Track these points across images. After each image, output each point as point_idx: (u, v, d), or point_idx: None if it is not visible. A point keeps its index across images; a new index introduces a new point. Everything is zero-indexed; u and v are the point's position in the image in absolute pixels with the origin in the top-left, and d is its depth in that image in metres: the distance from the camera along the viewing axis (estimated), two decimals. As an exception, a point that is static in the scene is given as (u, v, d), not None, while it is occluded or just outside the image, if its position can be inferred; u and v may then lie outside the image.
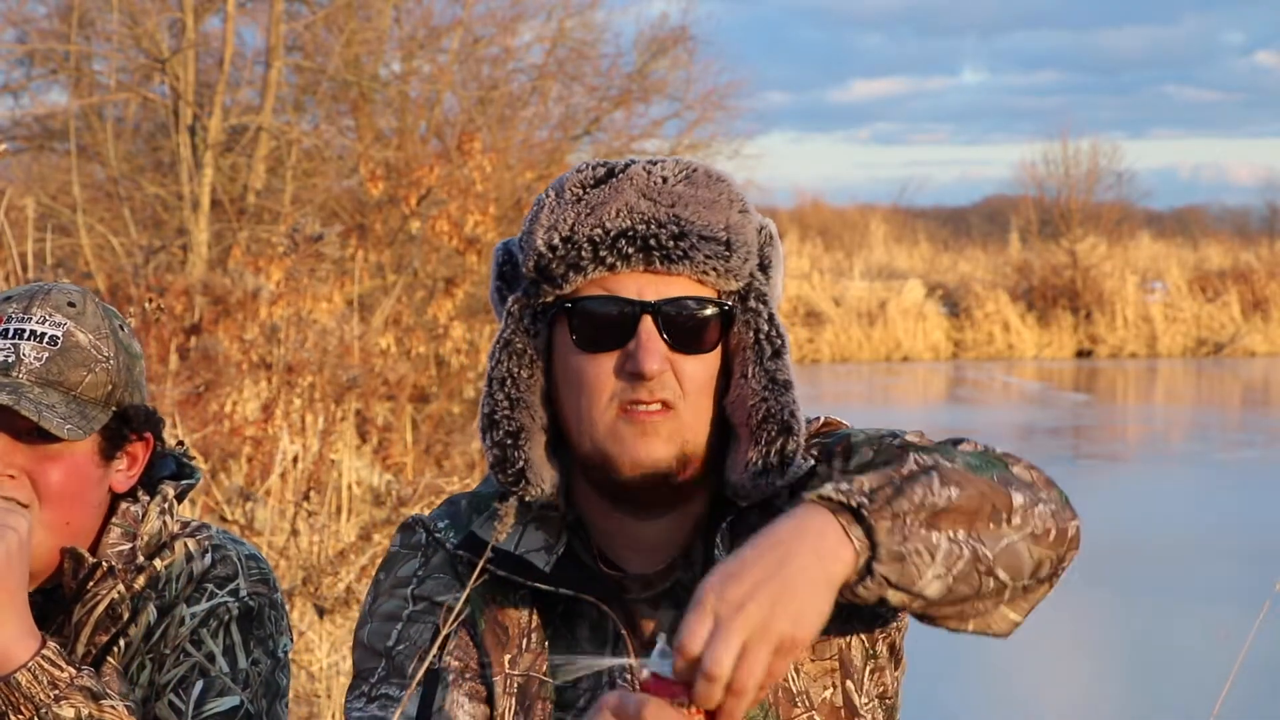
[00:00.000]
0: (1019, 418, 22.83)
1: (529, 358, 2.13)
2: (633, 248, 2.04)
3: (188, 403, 8.89)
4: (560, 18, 19.20)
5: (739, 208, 2.10)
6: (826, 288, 32.69)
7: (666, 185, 2.07)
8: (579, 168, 2.11)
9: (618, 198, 2.06)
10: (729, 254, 2.07)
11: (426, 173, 12.80)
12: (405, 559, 2.20)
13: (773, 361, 2.09)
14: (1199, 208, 50.08)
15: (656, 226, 2.05)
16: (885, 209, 44.94)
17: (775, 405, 2.08)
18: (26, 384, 2.30)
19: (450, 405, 12.42)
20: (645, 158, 2.11)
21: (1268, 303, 32.97)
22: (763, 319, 2.10)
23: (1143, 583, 11.82)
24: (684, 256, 2.05)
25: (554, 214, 2.08)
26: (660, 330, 2.06)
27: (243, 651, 2.38)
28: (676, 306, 2.06)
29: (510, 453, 2.11)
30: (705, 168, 2.10)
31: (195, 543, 2.43)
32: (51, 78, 16.30)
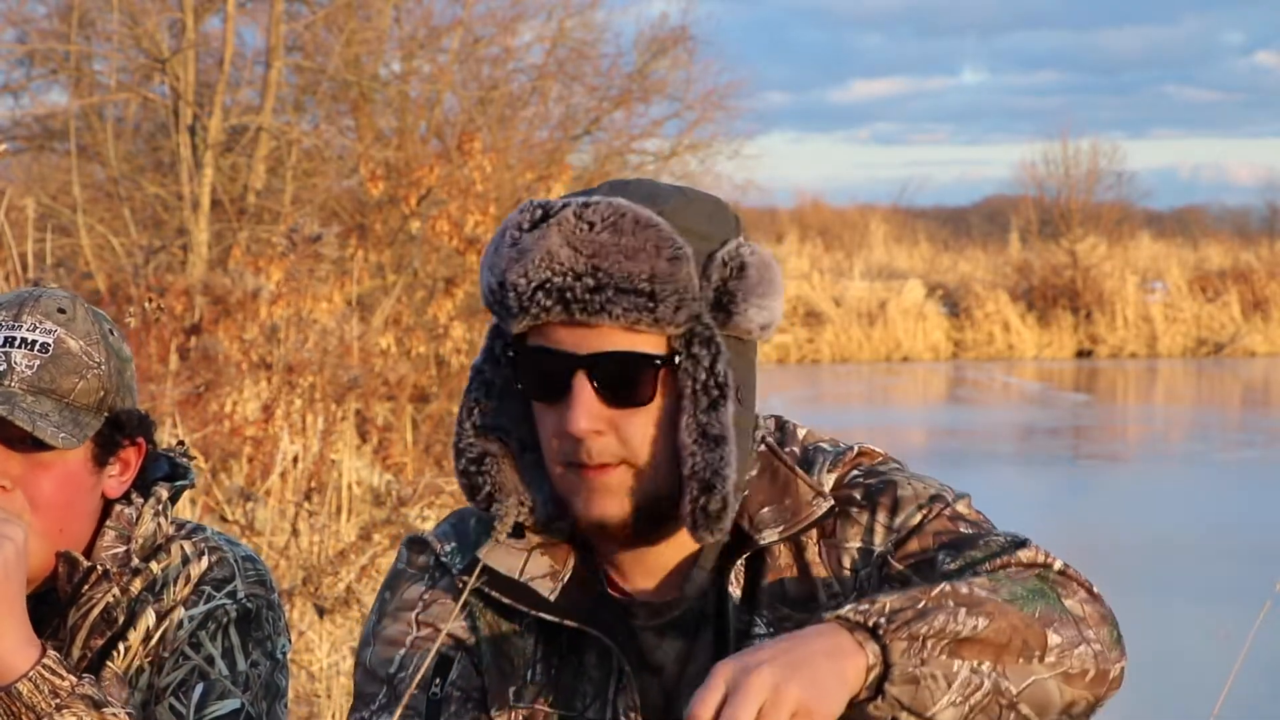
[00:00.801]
0: (1019, 418, 22.83)
1: (497, 387, 2.10)
2: (550, 300, 1.99)
3: (188, 403, 8.89)
4: (560, 18, 19.21)
5: (669, 254, 1.99)
6: (826, 288, 32.68)
7: (591, 232, 1.99)
8: (524, 206, 2.05)
9: (542, 244, 1.99)
10: (654, 304, 1.98)
11: (426, 173, 12.80)
12: (411, 580, 2.16)
13: (706, 414, 2.01)
14: (1199, 208, 50.07)
15: (573, 279, 1.98)
16: (885, 209, 44.92)
17: (701, 461, 2.01)
18: (19, 392, 2.29)
19: (450, 405, 12.41)
20: (581, 198, 2.03)
21: (1268, 303, 32.96)
22: (702, 367, 2.02)
23: (1143, 583, 11.82)
24: (601, 309, 1.98)
25: (494, 255, 2.03)
26: (595, 386, 2.01)
27: (241, 654, 2.37)
28: (607, 362, 2.00)
29: (475, 479, 2.09)
30: (635, 212, 2.00)
31: (191, 545, 2.42)
32: (51, 78, 16.30)
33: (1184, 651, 9.80)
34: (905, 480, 2.12)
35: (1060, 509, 14.93)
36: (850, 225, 41.56)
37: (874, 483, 2.11)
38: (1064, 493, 15.95)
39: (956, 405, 25.23)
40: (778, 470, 2.11)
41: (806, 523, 2.08)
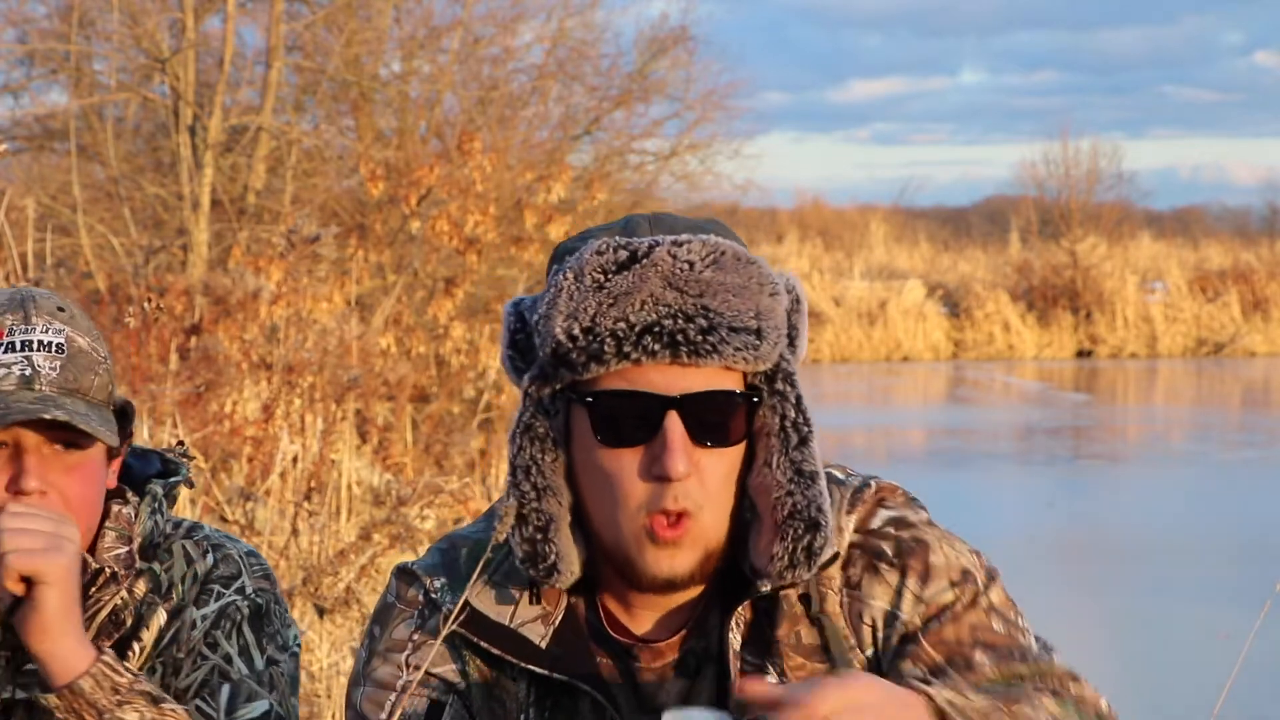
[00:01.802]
0: (1019, 418, 22.83)
1: (550, 441, 2.02)
2: (659, 344, 1.93)
3: (188, 403, 8.89)
4: (560, 18, 19.20)
5: (769, 290, 1.97)
6: (826, 288, 32.68)
7: (693, 271, 1.94)
8: (599, 248, 1.97)
9: (642, 287, 1.93)
10: (760, 342, 1.95)
11: (426, 173, 12.80)
12: (401, 617, 2.11)
13: (799, 451, 1.98)
14: (1199, 208, 50.08)
15: (684, 320, 1.93)
16: (885, 209, 44.92)
17: (801, 500, 1.98)
18: (55, 395, 2.29)
19: (450, 405, 12.41)
20: (670, 238, 1.96)
21: (1268, 303, 32.96)
22: (790, 403, 1.99)
23: (1143, 583, 11.81)
24: (713, 350, 1.94)
25: (573, 301, 1.95)
26: (686, 426, 1.95)
27: (257, 650, 2.38)
28: (703, 402, 1.95)
29: (541, 548, 2.01)
30: (734, 249, 1.97)
31: (194, 544, 2.42)
32: (51, 78, 16.30)
33: (1184, 651, 9.80)
34: (937, 542, 2.08)
35: (1060, 509, 14.93)
36: (850, 225, 41.57)
37: (906, 539, 2.07)
38: (1064, 493, 15.94)
39: (956, 405, 25.23)
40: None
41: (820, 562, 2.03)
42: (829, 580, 2.05)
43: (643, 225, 2.01)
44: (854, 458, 18.11)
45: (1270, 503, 15.10)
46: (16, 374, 2.28)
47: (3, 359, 2.28)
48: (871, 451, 19.11)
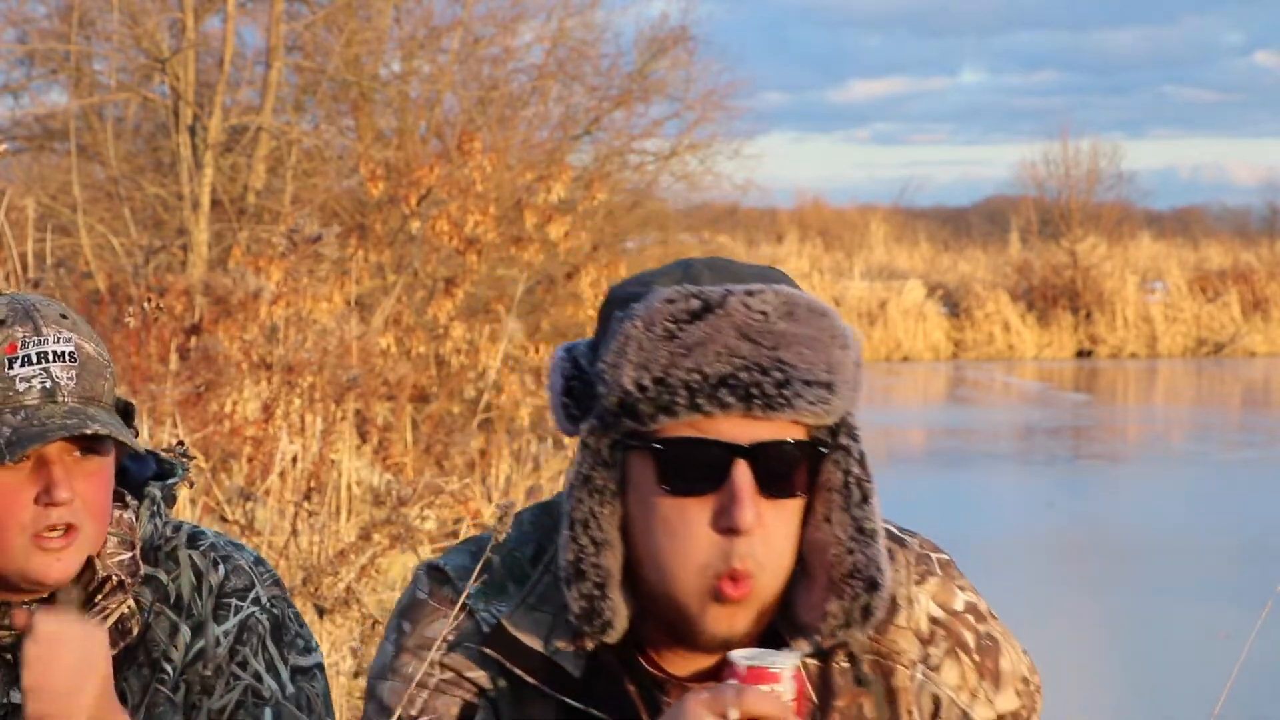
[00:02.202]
0: (1019, 418, 22.83)
1: (609, 492, 1.98)
2: (733, 396, 1.90)
3: (188, 403, 8.89)
4: (560, 18, 19.20)
5: (841, 342, 1.95)
6: (826, 288, 32.68)
7: (767, 322, 1.91)
8: (670, 296, 1.93)
9: (716, 338, 1.90)
10: (831, 396, 1.93)
11: (426, 173, 12.80)
12: (432, 616, 2.07)
13: (860, 508, 1.96)
14: (1199, 208, 50.08)
15: (760, 373, 1.90)
16: (885, 209, 44.92)
17: (862, 559, 1.95)
18: (78, 405, 2.28)
19: (450, 405, 12.41)
20: (742, 287, 1.94)
21: (1268, 303, 32.96)
22: (853, 459, 1.97)
23: (1143, 583, 11.81)
24: (786, 404, 1.91)
25: (644, 350, 1.92)
26: (755, 477, 1.92)
27: (281, 664, 2.38)
28: (772, 452, 1.92)
29: (598, 604, 1.97)
30: (807, 300, 1.95)
31: (200, 555, 2.41)
32: (51, 78, 16.31)
33: (1184, 651, 9.80)
34: (1004, 642, 2.08)
35: (1060, 509, 14.93)
36: (850, 225, 41.57)
37: (983, 635, 2.06)
38: (1064, 493, 15.94)
39: (956, 405, 25.23)
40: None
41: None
42: (898, 654, 2.03)
43: (704, 272, 1.98)
44: (854, 458, 18.07)
45: (1270, 503, 15.10)
46: (38, 387, 2.26)
47: (21, 373, 2.26)
48: (872, 452, 19.02)
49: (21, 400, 2.26)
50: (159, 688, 2.34)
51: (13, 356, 2.27)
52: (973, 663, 2.04)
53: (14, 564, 2.27)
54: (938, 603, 2.05)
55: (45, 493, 2.26)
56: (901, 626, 2.03)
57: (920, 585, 2.05)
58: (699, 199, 24.52)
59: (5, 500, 2.26)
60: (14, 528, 2.26)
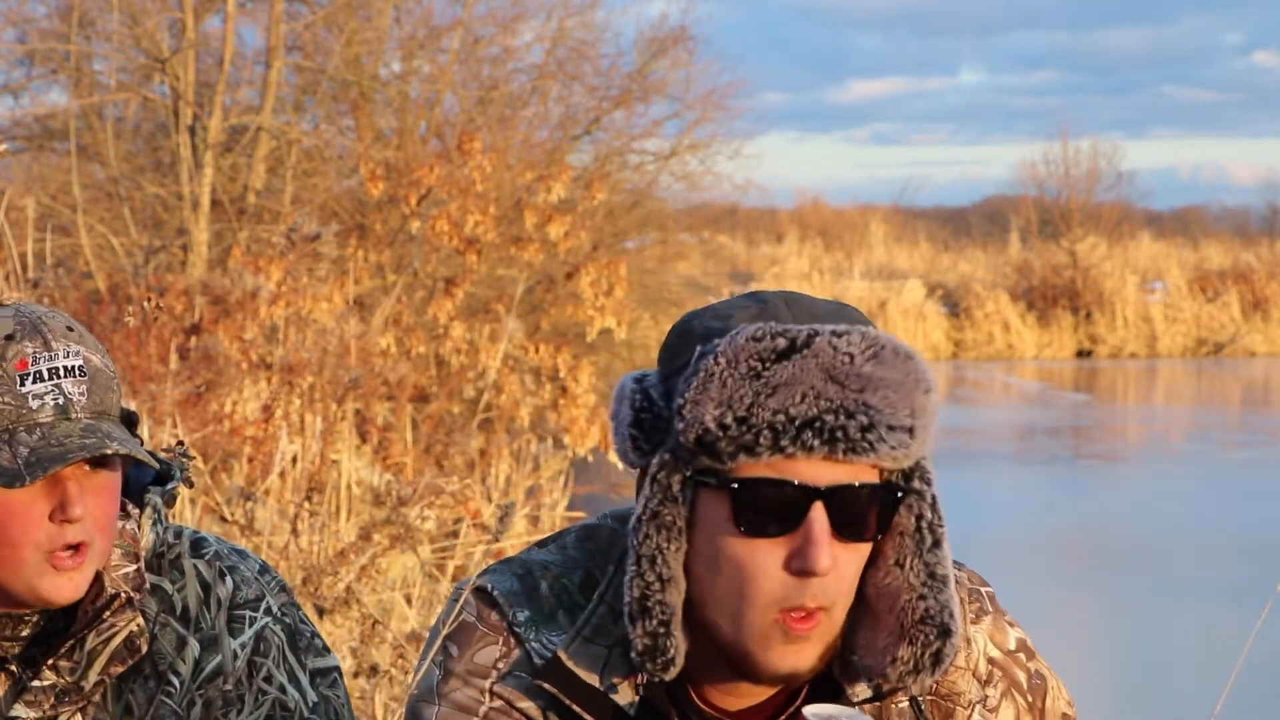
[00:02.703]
0: (1019, 418, 22.83)
1: (676, 529, 1.94)
2: (818, 439, 1.87)
3: (188, 403, 8.89)
4: (560, 18, 19.20)
5: (924, 387, 1.94)
6: (826, 288, 32.69)
7: (854, 365, 1.89)
8: (756, 334, 1.90)
9: (802, 379, 1.87)
10: (912, 441, 1.92)
11: (426, 173, 12.80)
12: (483, 641, 2.03)
13: (933, 553, 1.94)
14: (1199, 208, 50.10)
15: (845, 417, 1.87)
16: (885, 209, 44.94)
17: (934, 605, 1.93)
18: (93, 422, 2.26)
19: (450, 405, 12.41)
20: (829, 328, 1.92)
21: (1268, 303, 32.97)
22: (926, 504, 1.96)
23: (1143, 583, 11.82)
24: (870, 448, 1.89)
25: (727, 389, 1.88)
26: (830, 520, 1.90)
27: (302, 672, 2.37)
28: (849, 495, 1.90)
29: (663, 642, 1.94)
30: (893, 343, 1.94)
31: (205, 565, 2.39)
32: (51, 78, 16.30)
33: (1184, 651, 9.80)
34: (1050, 677, 2.08)
35: (1060, 509, 14.93)
36: (850, 225, 41.57)
37: (1034, 674, 2.06)
38: (1064, 493, 15.95)
39: (956, 405, 25.23)
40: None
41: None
42: (958, 695, 2.02)
43: (781, 308, 1.95)
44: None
45: (1270, 503, 15.10)
46: (51, 404, 2.23)
47: (34, 390, 2.23)
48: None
49: (35, 418, 2.23)
50: (165, 700, 2.32)
51: (24, 373, 2.23)
52: (1025, 703, 2.04)
53: (24, 582, 2.25)
54: (994, 643, 2.05)
55: (60, 510, 2.23)
56: (961, 667, 2.03)
57: (976, 625, 2.05)
58: (699, 199, 24.50)
59: (20, 519, 2.23)
60: (28, 546, 2.24)
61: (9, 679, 2.31)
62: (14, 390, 2.23)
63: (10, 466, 2.21)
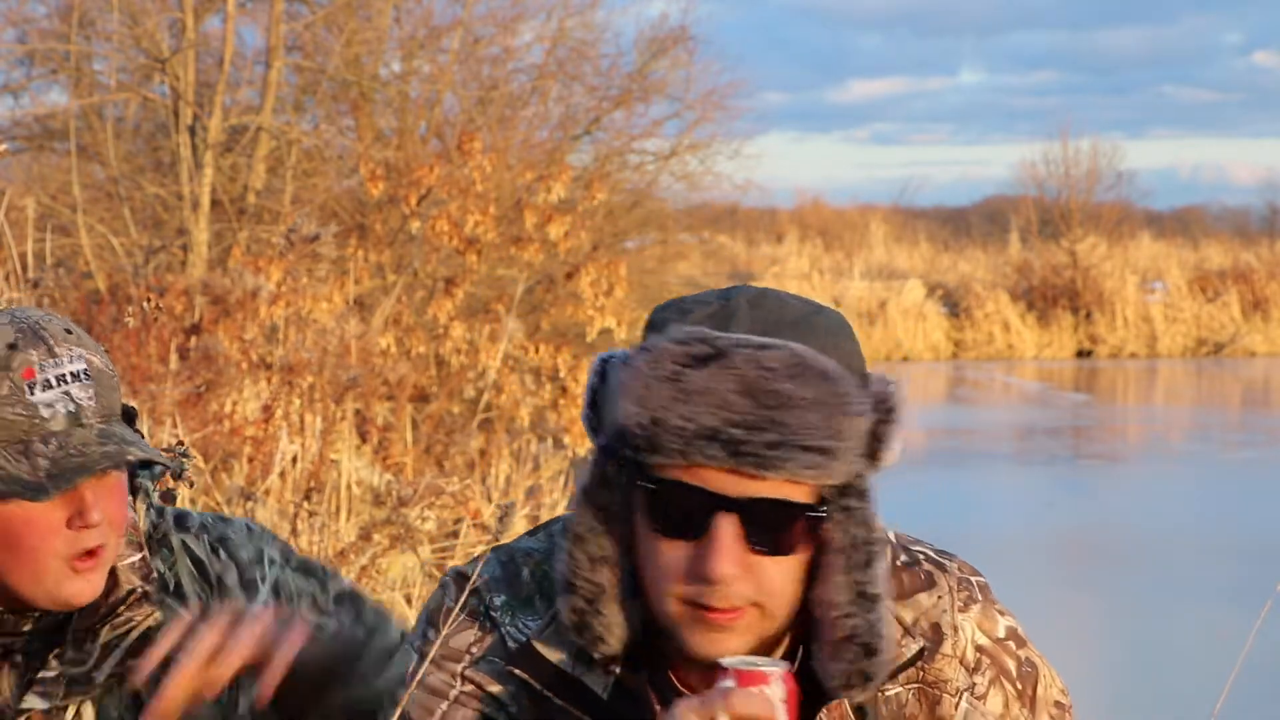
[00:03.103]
0: (1019, 418, 22.83)
1: (611, 510, 1.96)
2: (722, 451, 1.86)
3: (188, 403, 8.89)
4: (560, 18, 19.21)
5: (848, 410, 1.88)
6: (826, 288, 32.69)
7: (770, 381, 1.86)
8: (682, 338, 1.89)
9: (715, 390, 1.86)
10: (830, 461, 1.88)
11: (426, 173, 12.80)
12: (460, 626, 2.05)
13: (862, 572, 1.91)
14: (1199, 208, 50.09)
15: (752, 432, 1.85)
16: (885, 209, 44.93)
17: (861, 623, 1.92)
18: (105, 426, 2.25)
19: (450, 405, 12.41)
20: (757, 340, 1.88)
21: (1268, 303, 32.97)
22: (856, 521, 1.92)
23: (1143, 582, 11.82)
24: (778, 465, 1.86)
25: (647, 389, 1.88)
26: (742, 531, 1.89)
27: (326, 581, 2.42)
28: (762, 510, 1.89)
29: (588, 619, 1.96)
30: (819, 363, 1.88)
31: (193, 539, 2.40)
32: (51, 78, 16.30)
33: (1184, 651, 9.80)
34: (1043, 667, 2.07)
35: (1060, 509, 14.93)
36: (850, 225, 41.57)
37: (1024, 661, 2.05)
38: (1064, 493, 15.95)
39: (956, 405, 25.22)
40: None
41: (894, 667, 1.99)
42: (944, 682, 2.01)
43: (742, 308, 1.94)
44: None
45: (1270, 503, 15.10)
46: (62, 411, 2.22)
47: (43, 398, 2.22)
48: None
49: (48, 427, 2.21)
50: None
51: (32, 382, 2.22)
52: (1015, 691, 2.04)
53: (44, 589, 2.25)
54: (983, 630, 2.04)
55: (78, 517, 2.23)
56: (947, 655, 2.02)
57: (964, 613, 2.04)
58: (699, 199, 24.51)
59: (39, 528, 2.22)
60: (48, 554, 2.23)
61: (15, 671, 2.31)
62: (24, 400, 2.21)
63: (32, 480, 2.20)
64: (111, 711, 2.31)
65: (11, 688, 2.31)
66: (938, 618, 2.02)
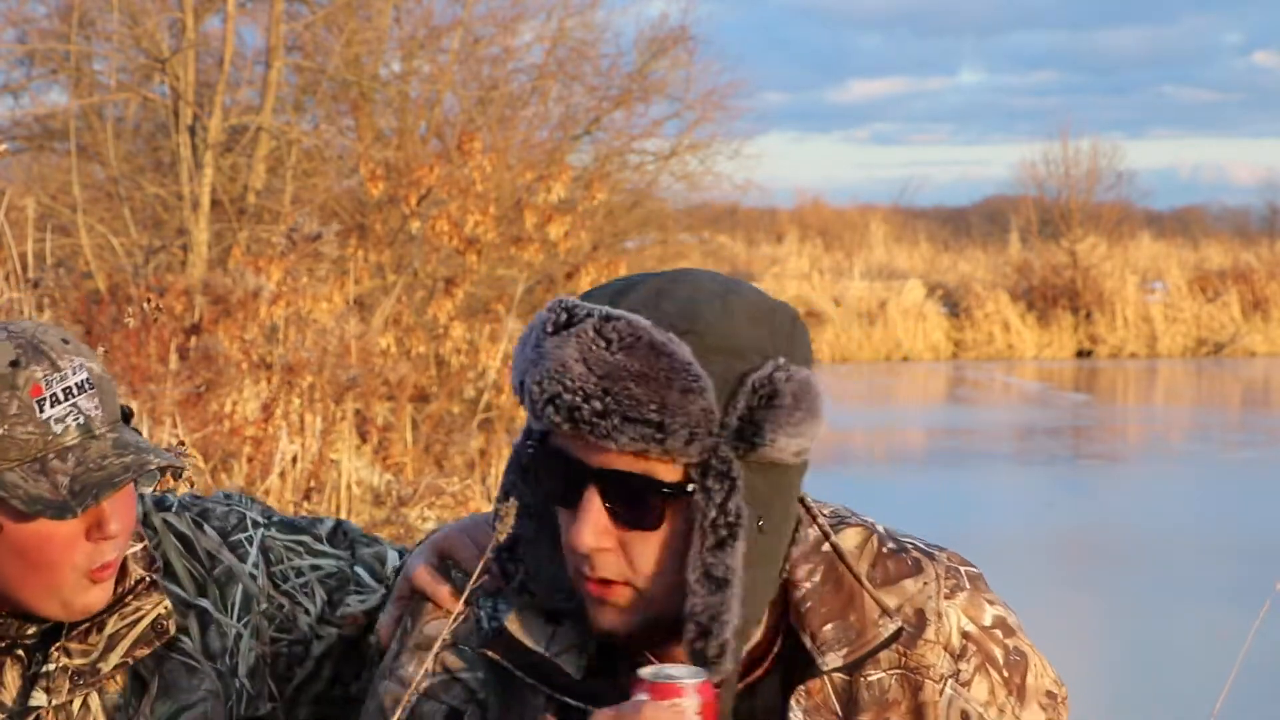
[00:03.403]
0: (1019, 418, 22.83)
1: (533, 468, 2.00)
2: (559, 416, 1.88)
3: (188, 403, 8.89)
4: (560, 18, 19.21)
5: (681, 385, 1.87)
6: (826, 288, 32.69)
7: (606, 350, 1.87)
8: (551, 306, 1.94)
9: (559, 355, 1.88)
10: (663, 435, 1.86)
11: (426, 173, 12.80)
12: (434, 614, 2.08)
13: (712, 554, 1.89)
14: (1199, 208, 50.09)
15: (582, 399, 1.87)
16: (885, 209, 44.93)
17: (699, 604, 1.90)
18: (114, 434, 2.24)
19: (450, 405, 12.42)
20: (604, 310, 1.90)
21: (1268, 303, 32.96)
22: (713, 503, 1.89)
23: (1143, 582, 11.82)
24: (607, 435, 1.87)
25: (520, 351, 1.95)
26: (604, 503, 1.91)
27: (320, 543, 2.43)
28: (618, 482, 1.90)
29: (506, 565, 2.01)
30: (653, 336, 1.88)
31: (175, 516, 2.40)
32: (51, 78, 16.31)
33: (1184, 651, 9.80)
34: (1033, 657, 2.06)
35: (1060, 509, 14.93)
36: (850, 225, 41.57)
37: (1012, 650, 2.05)
38: (1064, 493, 15.95)
39: (956, 405, 25.23)
40: (842, 579, 2.01)
41: (872, 646, 1.99)
42: (927, 668, 2.01)
43: (648, 284, 1.95)
44: (854, 457, 18.10)
45: (1270, 503, 15.10)
46: (74, 425, 2.21)
47: (54, 414, 2.20)
48: (871, 451, 19.10)
49: (62, 442, 2.20)
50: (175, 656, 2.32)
51: (40, 399, 2.20)
52: (1001, 679, 2.03)
53: (59, 599, 2.24)
54: (969, 618, 2.03)
55: (97, 529, 2.23)
56: (930, 641, 2.02)
57: (950, 600, 2.03)
58: (699, 199, 24.53)
59: (59, 543, 2.22)
60: (67, 568, 2.23)
61: (19, 665, 2.30)
62: (35, 418, 2.20)
63: (54, 498, 2.19)
64: (118, 699, 2.30)
65: (16, 683, 2.31)
66: (922, 604, 2.02)
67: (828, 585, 2.00)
